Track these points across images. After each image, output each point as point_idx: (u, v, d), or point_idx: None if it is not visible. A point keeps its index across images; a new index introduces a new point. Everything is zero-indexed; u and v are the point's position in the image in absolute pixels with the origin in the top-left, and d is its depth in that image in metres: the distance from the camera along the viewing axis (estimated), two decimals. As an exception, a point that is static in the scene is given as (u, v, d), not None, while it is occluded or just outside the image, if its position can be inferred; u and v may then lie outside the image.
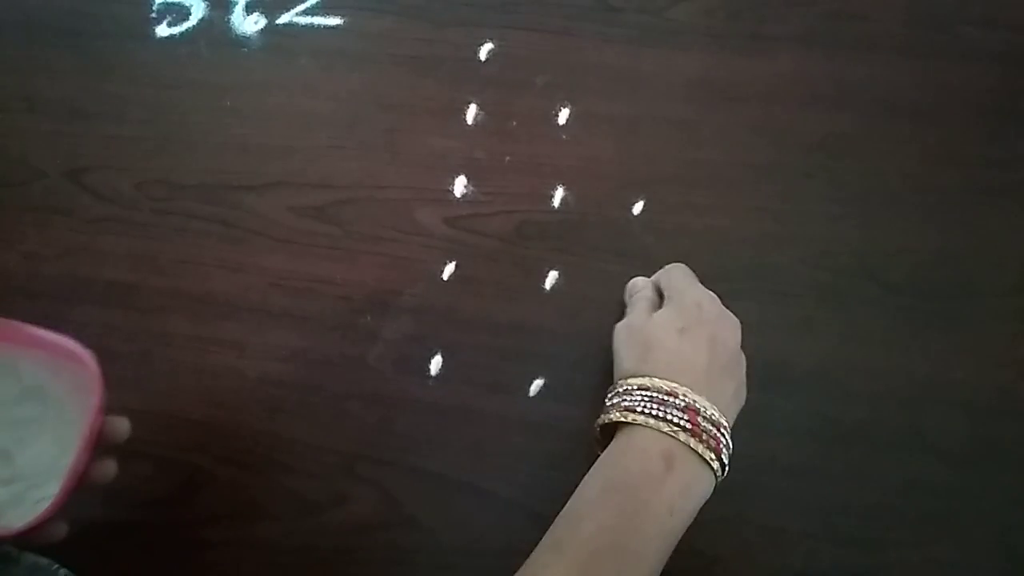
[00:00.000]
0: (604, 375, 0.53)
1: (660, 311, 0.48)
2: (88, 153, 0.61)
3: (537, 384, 0.54)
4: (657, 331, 0.47)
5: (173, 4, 0.64)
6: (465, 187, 0.58)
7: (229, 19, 0.63)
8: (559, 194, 0.58)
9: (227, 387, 0.55)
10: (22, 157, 0.61)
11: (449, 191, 0.58)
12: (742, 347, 0.48)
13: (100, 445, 0.42)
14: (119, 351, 0.56)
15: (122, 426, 0.44)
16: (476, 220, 0.57)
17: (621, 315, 0.55)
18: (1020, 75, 0.58)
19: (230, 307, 0.57)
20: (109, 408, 0.54)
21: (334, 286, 0.57)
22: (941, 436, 0.52)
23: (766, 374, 0.53)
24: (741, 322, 0.54)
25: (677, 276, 0.51)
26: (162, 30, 0.63)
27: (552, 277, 0.56)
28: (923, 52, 0.59)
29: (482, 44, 0.61)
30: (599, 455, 0.45)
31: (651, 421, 0.42)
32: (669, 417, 0.42)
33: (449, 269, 0.56)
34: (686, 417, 0.42)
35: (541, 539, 0.42)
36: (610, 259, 0.56)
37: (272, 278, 0.57)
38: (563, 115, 0.59)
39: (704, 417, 0.42)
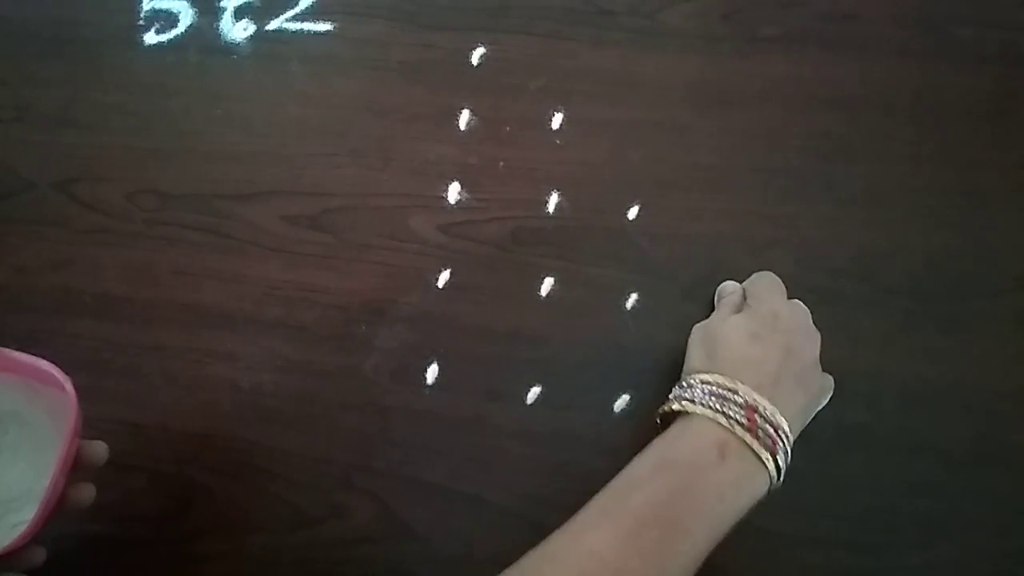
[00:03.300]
0: (603, 382, 0.53)
1: (735, 316, 0.49)
2: (78, 163, 0.60)
3: (535, 392, 0.54)
4: (728, 332, 0.48)
5: (161, 11, 0.63)
6: (459, 194, 0.58)
7: (218, 26, 0.63)
8: (554, 200, 0.57)
9: (221, 398, 0.55)
10: (11, 168, 0.60)
11: (443, 198, 0.58)
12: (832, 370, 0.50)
13: (77, 469, 0.41)
14: (111, 363, 0.55)
15: (100, 450, 0.43)
16: (471, 227, 0.57)
17: (618, 320, 0.55)
18: (1015, 75, 0.58)
19: (223, 318, 0.56)
20: (100, 421, 0.54)
21: (328, 295, 0.56)
22: (940, 438, 0.52)
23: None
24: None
25: (761, 284, 0.51)
26: (150, 37, 0.63)
27: (548, 283, 0.56)
28: (918, 53, 0.59)
29: (474, 48, 0.61)
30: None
31: (708, 412, 0.43)
32: (727, 411, 0.43)
33: (444, 277, 0.56)
34: (744, 414, 0.42)
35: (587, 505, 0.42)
36: (606, 264, 0.56)
37: (265, 288, 0.57)
38: (557, 120, 0.59)
39: (763, 417, 0.42)
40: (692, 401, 0.44)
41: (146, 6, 0.63)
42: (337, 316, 0.56)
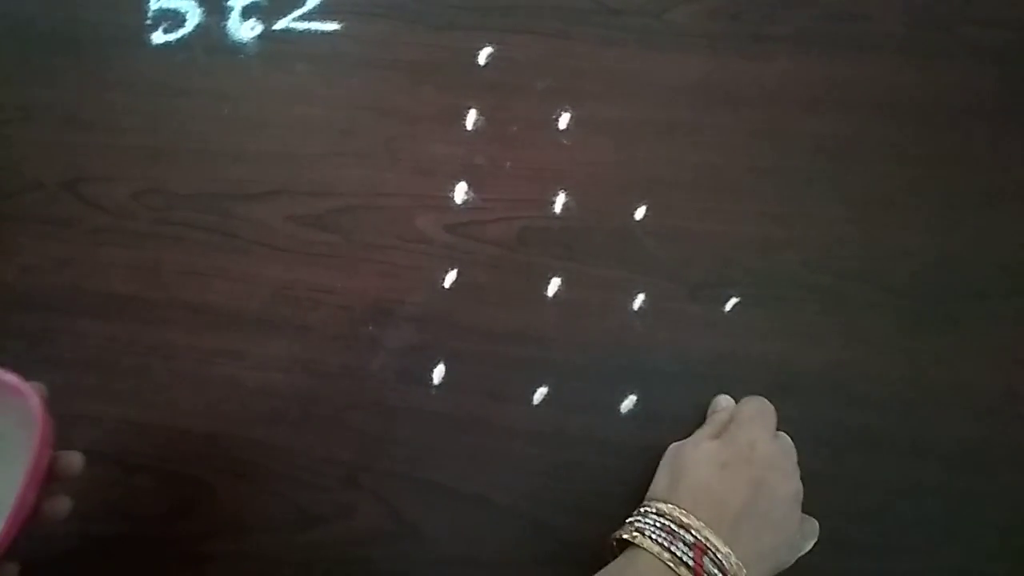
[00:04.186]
0: (609, 382, 0.53)
1: (710, 441, 0.47)
2: (85, 163, 0.60)
3: (541, 392, 0.53)
4: (697, 459, 0.45)
5: (168, 10, 0.63)
6: (466, 194, 0.58)
7: (225, 25, 0.63)
8: (560, 200, 0.57)
9: (227, 398, 0.55)
10: (18, 168, 0.60)
11: (450, 198, 0.58)
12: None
13: (50, 482, 0.40)
14: (118, 363, 0.56)
15: (75, 461, 0.42)
16: (477, 227, 0.57)
17: (625, 320, 0.55)
18: (1021, 74, 0.57)
19: (230, 317, 0.56)
20: (107, 420, 0.54)
21: (335, 295, 0.56)
22: (945, 439, 0.52)
23: (769, 379, 0.53)
24: (743, 327, 0.54)
25: (747, 409, 0.49)
26: (158, 37, 0.63)
27: (555, 284, 0.56)
28: (924, 52, 0.58)
29: (481, 48, 0.61)
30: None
31: (655, 548, 0.41)
32: (675, 549, 0.41)
33: (451, 277, 0.56)
34: (691, 554, 0.40)
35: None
36: (613, 265, 0.56)
37: (272, 288, 0.57)
38: (564, 120, 0.59)
39: (712, 559, 0.40)
40: (642, 533, 0.42)
41: (153, 5, 0.63)
42: (343, 316, 0.56)
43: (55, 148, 0.61)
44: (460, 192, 0.58)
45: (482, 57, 0.60)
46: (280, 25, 0.62)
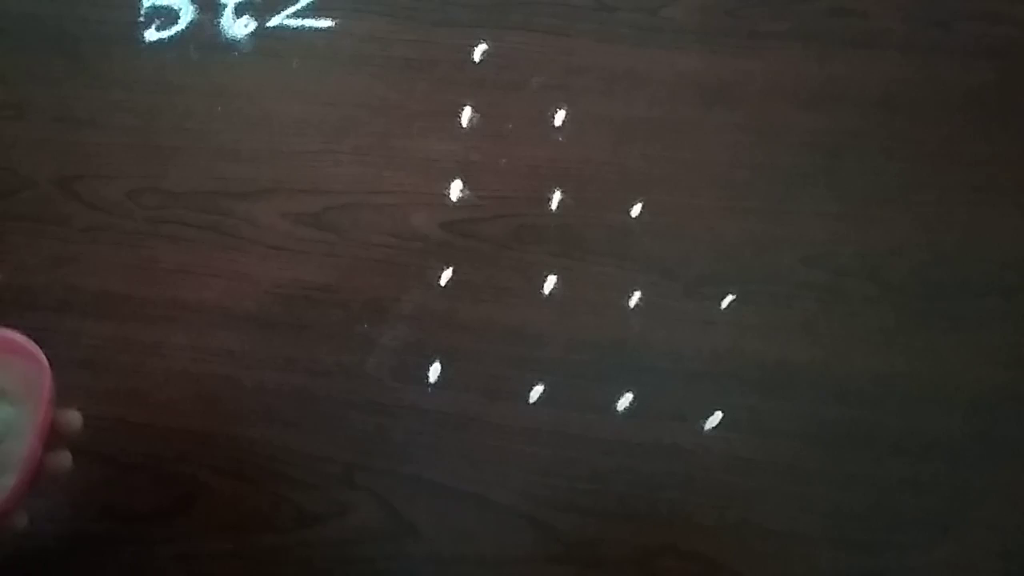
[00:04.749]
0: (605, 380, 0.53)
1: None
2: (78, 161, 0.60)
3: (537, 390, 0.53)
4: None
5: (161, 7, 0.63)
6: (461, 191, 0.58)
7: (218, 22, 0.62)
8: (556, 197, 0.57)
9: (223, 397, 0.54)
10: (11, 166, 0.60)
11: (445, 195, 0.58)
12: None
13: (53, 437, 0.41)
14: (113, 362, 0.55)
15: (74, 418, 0.43)
16: (473, 224, 0.57)
17: (621, 318, 0.54)
18: (1019, 71, 0.57)
19: (225, 316, 0.56)
20: (102, 419, 0.54)
21: (330, 293, 0.56)
22: (942, 436, 0.52)
23: (766, 376, 0.53)
24: (740, 324, 0.54)
25: None
26: (151, 34, 0.63)
27: (551, 281, 0.55)
28: (921, 49, 0.58)
29: (476, 45, 0.60)
30: None
31: None
32: None
33: (446, 274, 0.56)
34: None
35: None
36: (609, 262, 0.56)
37: (267, 286, 0.56)
38: (559, 117, 0.59)
39: None
40: None
41: (147, 3, 0.63)
42: (339, 314, 0.56)
43: (48, 146, 0.60)
44: (455, 189, 0.58)
45: (477, 54, 0.60)
46: (273, 22, 0.62)
